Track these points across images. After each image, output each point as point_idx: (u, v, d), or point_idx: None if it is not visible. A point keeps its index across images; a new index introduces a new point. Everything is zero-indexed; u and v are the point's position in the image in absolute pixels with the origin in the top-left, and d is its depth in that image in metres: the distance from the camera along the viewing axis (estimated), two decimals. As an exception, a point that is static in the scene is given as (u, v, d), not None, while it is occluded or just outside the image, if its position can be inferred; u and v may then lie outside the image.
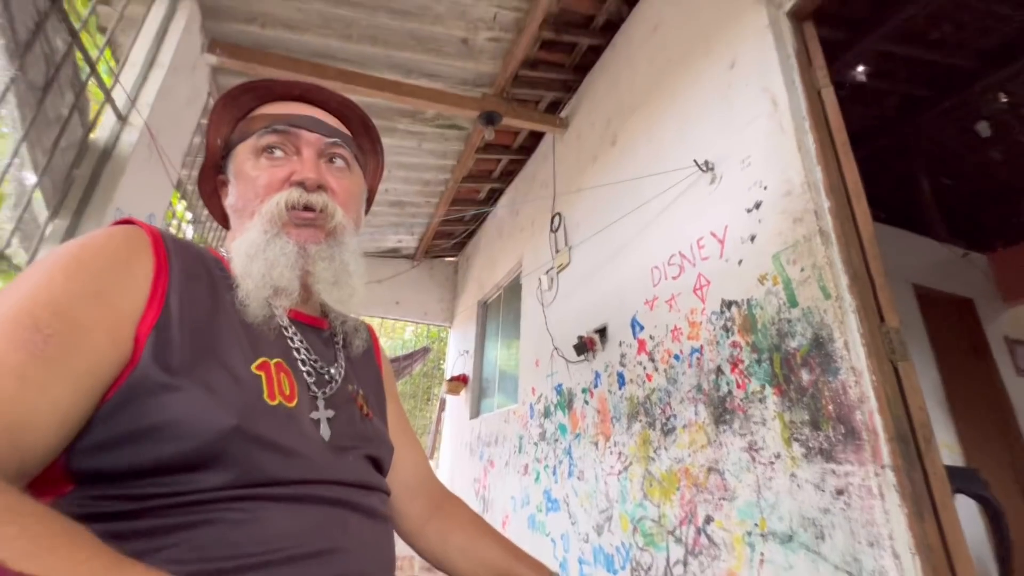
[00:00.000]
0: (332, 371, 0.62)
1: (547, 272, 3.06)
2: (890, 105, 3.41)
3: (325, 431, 0.55)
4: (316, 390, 0.58)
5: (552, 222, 3.11)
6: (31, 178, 1.53)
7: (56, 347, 0.38)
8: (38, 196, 1.59)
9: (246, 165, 0.63)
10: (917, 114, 3.41)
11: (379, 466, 0.62)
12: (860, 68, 3.07)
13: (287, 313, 0.61)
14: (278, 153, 0.62)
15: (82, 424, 0.41)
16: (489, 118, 3.00)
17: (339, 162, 0.66)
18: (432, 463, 4.80)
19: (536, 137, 3.71)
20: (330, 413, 0.57)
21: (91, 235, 0.48)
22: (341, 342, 0.68)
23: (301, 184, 0.60)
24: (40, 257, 0.45)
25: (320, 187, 0.61)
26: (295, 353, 0.58)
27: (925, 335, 3.38)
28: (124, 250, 0.48)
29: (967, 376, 3.54)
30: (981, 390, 3.52)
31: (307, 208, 0.60)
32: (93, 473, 0.42)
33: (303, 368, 0.58)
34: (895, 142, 3.64)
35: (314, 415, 0.55)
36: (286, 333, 0.59)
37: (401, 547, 0.77)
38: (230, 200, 0.65)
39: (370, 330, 0.78)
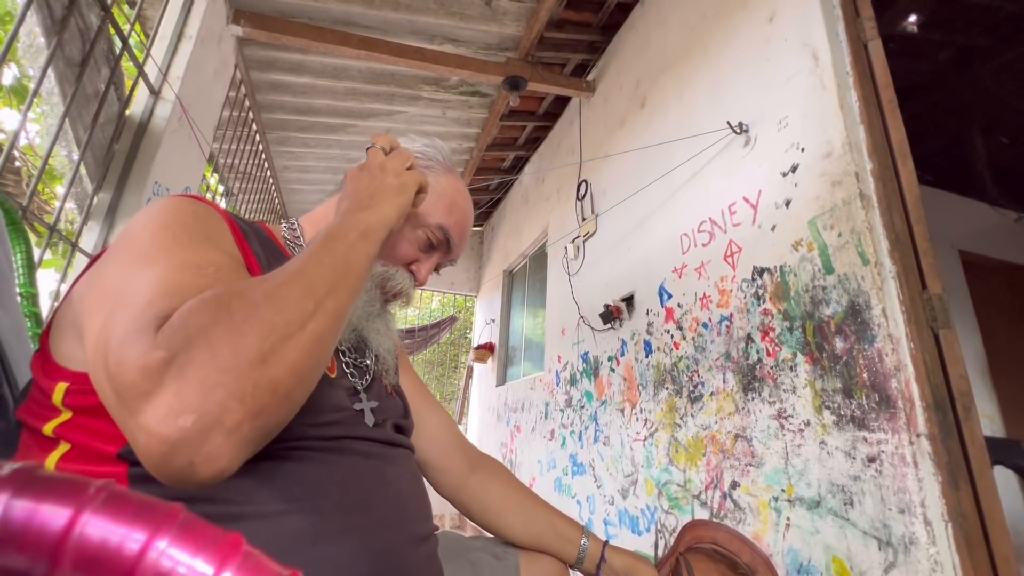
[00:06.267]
0: (367, 361, 0.66)
1: (573, 240, 3.04)
2: (943, 58, 3.17)
3: (369, 419, 0.59)
4: (356, 378, 0.62)
5: (578, 190, 3.06)
6: (74, 154, 1.59)
7: (224, 274, 0.43)
8: (82, 171, 1.65)
9: (404, 222, 0.66)
10: (974, 67, 3.16)
11: (402, 433, 0.66)
12: (912, 18, 2.85)
13: None
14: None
15: None
16: (514, 83, 2.93)
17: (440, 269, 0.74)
18: (461, 427, 4.95)
19: (562, 102, 3.62)
20: (374, 404, 0.61)
21: (171, 204, 0.50)
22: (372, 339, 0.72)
23: (414, 275, 0.68)
24: (133, 234, 0.49)
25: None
26: (338, 344, 0.62)
27: (969, 303, 3.24)
28: (207, 213, 0.52)
29: (1013, 346, 3.40)
30: (1028, 361, 3.37)
31: (403, 293, 0.67)
32: None
33: (343, 359, 0.62)
34: (947, 99, 3.40)
35: (358, 406, 0.59)
36: None
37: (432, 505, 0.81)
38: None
39: None
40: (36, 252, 1.43)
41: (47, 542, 0.20)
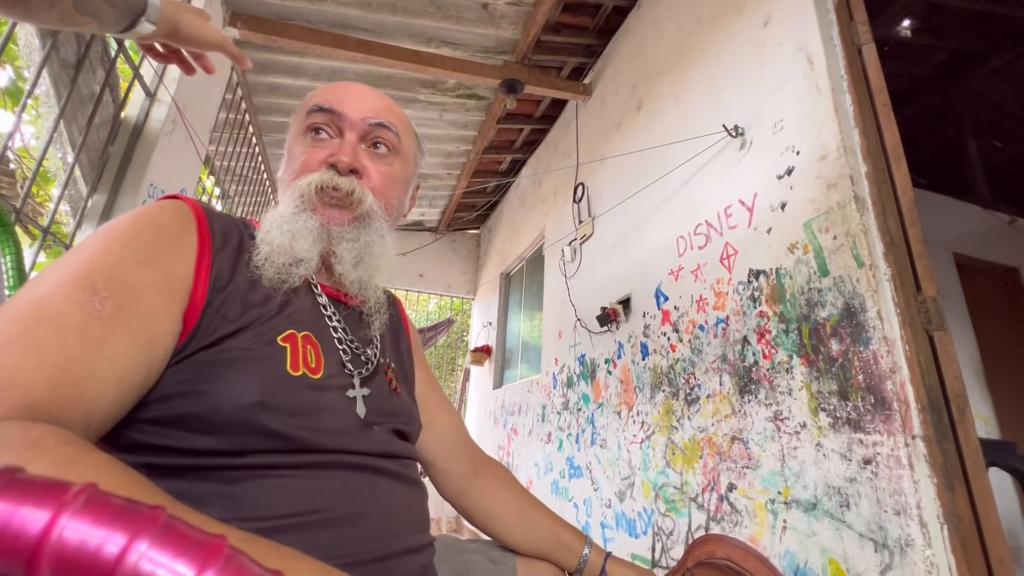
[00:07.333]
0: (369, 352, 0.62)
1: (570, 243, 3.04)
2: (936, 62, 3.20)
3: (361, 409, 0.56)
4: (352, 369, 0.58)
5: (575, 192, 3.06)
6: (69, 156, 1.58)
7: (112, 307, 0.41)
8: (77, 173, 1.65)
9: (293, 142, 0.65)
10: (967, 71, 3.19)
11: (406, 438, 0.63)
12: (906, 22, 2.88)
13: (323, 290, 0.62)
14: (322, 134, 0.63)
15: (142, 381, 0.43)
16: (511, 86, 2.94)
17: (382, 148, 0.65)
18: (457, 431, 4.93)
19: (559, 105, 3.62)
20: (366, 391, 0.58)
21: (143, 209, 0.50)
22: (375, 320, 0.68)
23: (334, 166, 0.60)
24: (93, 232, 0.49)
25: (353, 171, 0.61)
26: (332, 332, 0.59)
27: (964, 305, 3.26)
28: (173, 223, 0.50)
29: (1007, 348, 3.41)
30: (1022, 363, 3.39)
31: (335, 189, 0.60)
32: (145, 445, 0.46)
33: (340, 347, 0.59)
34: (941, 102, 3.43)
35: (350, 393, 0.56)
36: (324, 312, 0.60)
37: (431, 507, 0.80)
38: (278, 173, 0.67)
39: (397, 301, 0.79)
40: (30, 254, 1.43)
41: (24, 546, 0.20)
